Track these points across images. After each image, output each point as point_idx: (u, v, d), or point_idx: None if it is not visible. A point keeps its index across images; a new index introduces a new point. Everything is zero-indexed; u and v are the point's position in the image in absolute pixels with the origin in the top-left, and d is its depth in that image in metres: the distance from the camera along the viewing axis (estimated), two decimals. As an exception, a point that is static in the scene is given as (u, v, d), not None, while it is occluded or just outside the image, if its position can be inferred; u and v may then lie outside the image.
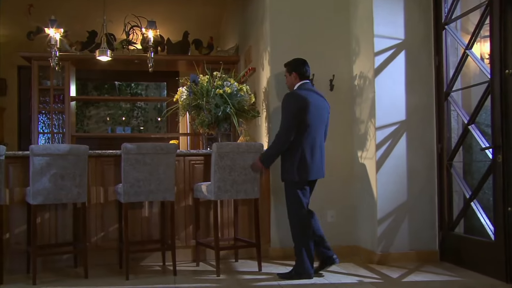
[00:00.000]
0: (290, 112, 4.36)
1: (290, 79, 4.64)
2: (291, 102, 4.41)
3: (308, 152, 4.39)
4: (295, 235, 4.44)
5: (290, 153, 4.40)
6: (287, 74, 4.67)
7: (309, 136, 4.40)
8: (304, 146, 4.38)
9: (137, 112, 12.94)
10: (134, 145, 4.53)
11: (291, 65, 4.66)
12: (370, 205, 5.11)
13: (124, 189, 4.54)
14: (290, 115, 4.35)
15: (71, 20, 7.18)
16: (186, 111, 5.63)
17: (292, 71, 4.61)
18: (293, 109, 4.36)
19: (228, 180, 4.63)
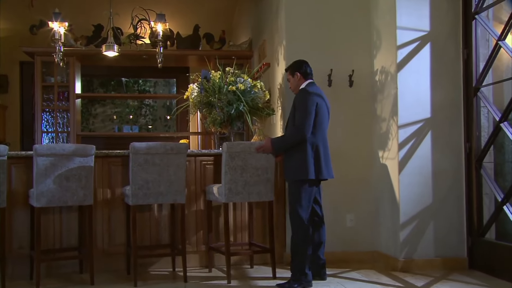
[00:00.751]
0: (309, 108, 4.37)
1: (294, 81, 4.66)
2: (308, 98, 4.40)
3: (322, 151, 4.42)
4: (297, 238, 4.40)
5: (302, 151, 4.37)
6: (290, 77, 4.68)
7: (322, 134, 4.45)
8: (318, 144, 4.40)
9: (145, 110, 12.96)
10: (143, 144, 4.53)
11: (293, 67, 4.69)
12: (392, 209, 5.07)
13: (132, 191, 4.54)
14: (309, 111, 4.36)
15: (76, 13, 7.21)
16: (197, 109, 5.63)
17: (295, 72, 4.63)
18: (311, 106, 4.37)
19: (239, 181, 4.62)
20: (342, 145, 5.40)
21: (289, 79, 4.71)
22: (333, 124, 5.34)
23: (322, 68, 5.36)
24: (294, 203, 4.41)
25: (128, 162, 4.61)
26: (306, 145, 4.36)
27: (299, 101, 4.43)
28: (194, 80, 5.70)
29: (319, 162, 4.39)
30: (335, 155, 5.31)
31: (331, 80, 5.43)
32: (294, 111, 4.46)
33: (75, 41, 7.45)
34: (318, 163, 4.39)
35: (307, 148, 4.36)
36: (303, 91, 4.48)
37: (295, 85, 4.63)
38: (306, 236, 4.38)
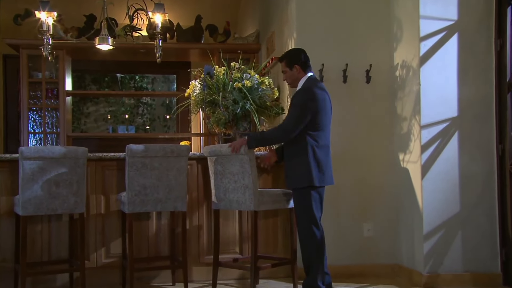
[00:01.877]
0: (306, 111, 4.29)
1: (292, 74, 4.51)
2: (310, 98, 4.32)
3: (325, 154, 4.38)
4: (309, 252, 4.38)
5: (304, 155, 4.33)
6: (287, 69, 4.52)
7: (326, 137, 4.42)
8: (321, 147, 4.36)
9: (142, 109, 12.99)
10: (140, 146, 4.51)
11: (289, 57, 4.54)
12: (415, 217, 5.04)
13: (129, 198, 4.52)
14: (304, 114, 4.30)
15: (66, 2, 7.19)
16: (199, 108, 5.61)
17: (294, 64, 4.47)
18: (309, 109, 4.29)
19: (221, 187, 4.68)
20: (359, 148, 5.40)
21: (285, 71, 4.55)
22: (348, 124, 5.37)
23: (336, 63, 5.37)
24: (302, 214, 4.36)
25: (124, 166, 4.60)
26: (308, 148, 4.31)
27: (298, 99, 4.37)
28: (196, 76, 5.67)
29: (325, 166, 4.35)
30: (351, 158, 5.37)
31: (346, 76, 5.42)
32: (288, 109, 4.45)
33: (65, 33, 7.42)
34: (323, 167, 4.34)
35: (309, 152, 4.31)
36: (307, 90, 4.39)
37: (293, 79, 4.52)
38: (319, 249, 4.35)
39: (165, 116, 12.92)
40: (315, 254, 4.33)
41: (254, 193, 4.48)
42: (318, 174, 4.29)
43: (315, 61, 4.98)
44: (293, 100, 4.42)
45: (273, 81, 5.76)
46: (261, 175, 5.15)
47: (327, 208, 4.68)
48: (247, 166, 4.47)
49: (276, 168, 5.10)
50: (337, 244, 5.24)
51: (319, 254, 4.34)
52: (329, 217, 5.08)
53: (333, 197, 5.14)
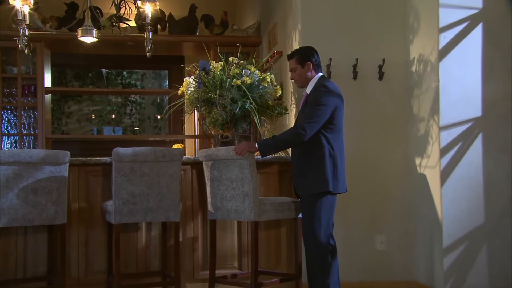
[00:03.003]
0: (323, 111, 4.33)
1: (303, 72, 4.56)
2: (327, 99, 4.36)
3: (340, 160, 4.42)
4: (316, 265, 4.39)
5: (319, 158, 4.36)
6: (298, 66, 4.56)
7: (341, 141, 4.48)
8: (337, 151, 4.41)
9: (130, 108, 12.98)
10: (128, 150, 4.50)
11: (302, 54, 4.58)
12: (433, 229, 5.03)
13: (115, 207, 4.51)
14: (322, 114, 4.34)
15: (44, -12, 7.18)
16: (194, 108, 5.63)
17: (306, 61, 4.54)
18: (327, 110, 4.34)
19: (217, 195, 4.67)
20: (371, 151, 5.42)
21: (294, 68, 4.59)
22: (358, 125, 5.40)
23: (346, 58, 5.39)
24: (310, 222, 4.36)
25: (110, 172, 4.59)
26: (324, 151, 4.34)
27: (318, 96, 4.39)
28: (190, 72, 5.68)
29: (340, 172, 4.40)
30: (362, 163, 5.39)
31: (356, 71, 5.43)
32: (305, 107, 4.44)
33: (43, 23, 7.38)
34: (339, 173, 4.39)
35: (325, 155, 4.34)
36: (324, 89, 4.41)
37: (304, 78, 4.56)
38: (326, 262, 4.36)
39: (156, 116, 12.93)
40: (323, 269, 4.35)
41: (254, 202, 4.46)
42: (333, 180, 4.33)
43: (322, 56, 4.96)
44: (311, 98, 4.42)
45: (276, 78, 5.78)
46: (262, 182, 5.15)
47: (338, 218, 4.65)
48: (247, 171, 4.46)
49: (278, 174, 5.08)
50: (347, 258, 5.23)
51: (328, 268, 4.35)
52: (337, 228, 5.05)
53: (342, 206, 5.12)
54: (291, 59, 4.62)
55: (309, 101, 4.42)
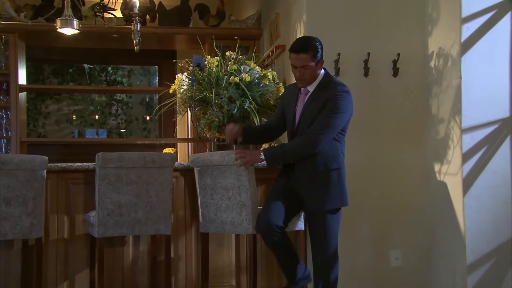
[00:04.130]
0: (342, 118, 4.37)
1: (314, 70, 4.39)
2: (350, 104, 4.40)
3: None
4: (333, 281, 4.45)
5: (339, 169, 4.42)
6: (312, 64, 4.33)
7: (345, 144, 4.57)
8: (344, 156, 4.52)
9: (116, 108, 12.99)
10: (114, 155, 4.50)
11: (316, 49, 4.35)
12: (455, 243, 5.02)
13: (99, 219, 4.50)
14: (339, 123, 4.37)
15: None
16: (187, 108, 5.64)
17: (320, 58, 4.38)
18: (346, 116, 4.40)
19: (210, 205, 4.67)
20: (384, 157, 5.42)
21: (308, 66, 4.32)
22: (371, 128, 5.44)
23: (356, 52, 5.39)
24: (331, 238, 4.41)
25: (94, 179, 4.58)
26: (341, 162, 4.42)
27: (336, 104, 4.31)
28: (182, 69, 5.71)
29: (345, 185, 4.50)
30: (374, 170, 5.41)
31: (368, 67, 5.44)
32: (320, 111, 4.33)
33: (16, 12, 7.32)
34: (345, 185, 4.50)
35: (343, 167, 4.44)
36: (346, 95, 4.36)
37: (313, 77, 4.42)
38: (337, 278, 4.47)
39: (145, 117, 12.93)
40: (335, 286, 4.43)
41: (253, 213, 4.46)
42: (346, 194, 4.44)
43: (329, 50, 4.99)
44: (330, 103, 4.31)
45: (278, 75, 5.80)
46: (261, 190, 5.15)
47: (345, 232, 4.65)
48: (244, 178, 4.46)
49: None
50: (358, 275, 5.26)
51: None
52: (347, 242, 5.07)
53: (353, 218, 5.14)
54: (303, 53, 4.30)
55: (327, 105, 4.30)
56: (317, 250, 4.45)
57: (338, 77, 5.25)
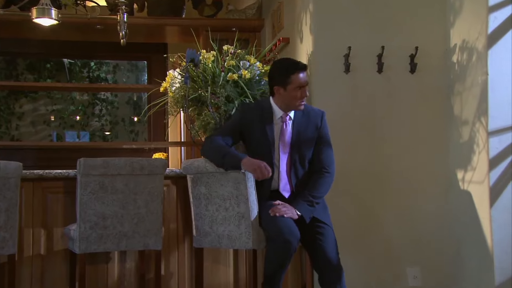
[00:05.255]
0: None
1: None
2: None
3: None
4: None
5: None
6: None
7: None
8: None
9: (100, 107, 13.00)
10: (97, 161, 4.50)
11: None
12: (481, 260, 5.01)
13: (81, 232, 4.49)
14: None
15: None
16: (179, 108, 5.62)
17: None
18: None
19: (205, 217, 4.68)
20: (400, 163, 5.45)
21: (307, 83, 4.70)
22: (385, 130, 5.44)
23: (368, 46, 5.42)
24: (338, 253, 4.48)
25: (75, 188, 4.57)
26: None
27: (328, 135, 4.77)
28: (174, 64, 5.70)
29: None
30: (389, 177, 5.45)
31: (382, 63, 5.46)
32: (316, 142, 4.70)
33: (-16, 0, 7.38)
34: None
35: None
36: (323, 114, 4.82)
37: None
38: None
39: (132, 119, 12.93)
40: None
41: (253, 225, 4.47)
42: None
43: (338, 44, 5.02)
44: (323, 130, 4.76)
45: (282, 71, 5.75)
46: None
47: (358, 247, 4.64)
48: (243, 187, 4.46)
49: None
50: (371, 296, 5.27)
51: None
52: (361, 259, 5.09)
53: (366, 232, 5.17)
54: (305, 71, 4.67)
55: (323, 134, 4.74)
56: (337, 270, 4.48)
57: (349, 74, 5.29)
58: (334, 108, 5.31)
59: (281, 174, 4.60)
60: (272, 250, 4.33)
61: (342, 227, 4.92)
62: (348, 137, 5.37)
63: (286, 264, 4.43)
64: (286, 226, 4.29)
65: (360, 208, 5.35)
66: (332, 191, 4.74)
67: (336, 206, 5.01)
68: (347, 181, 5.28)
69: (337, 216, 4.78)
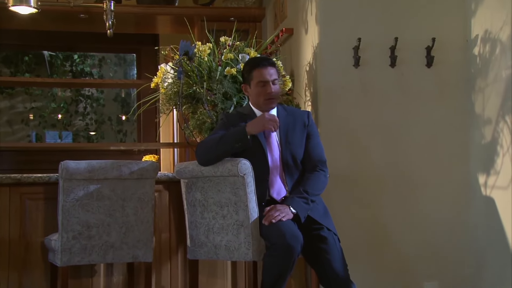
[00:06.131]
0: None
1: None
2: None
3: None
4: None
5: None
6: (278, 80, 4.82)
7: None
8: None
9: (84, 105, 12.99)
10: (81, 164, 4.49)
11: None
12: (505, 273, 5.00)
13: (63, 243, 4.48)
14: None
15: None
16: (172, 106, 5.64)
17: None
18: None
19: (200, 226, 4.66)
20: (416, 167, 5.46)
21: (277, 81, 4.75)
22: (399, 130, 5.47)
23: (380, 37, 5.44)
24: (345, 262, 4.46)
25: (56, 194, 4.56)
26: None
27: (315, 128, 4.83)
28: (167, 58, 5.75)
29: None
30: (403, 182, 5.46)
31: (395, 56, 5.47)
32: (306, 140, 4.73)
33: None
34: None
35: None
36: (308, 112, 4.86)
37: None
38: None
39: (120, 117, 12.93)
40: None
41: (253, 235, 4.43)
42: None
43: (347, 35, 5.05)
44: (312, 128, 4.80)
45: (284, 65, 5.84)
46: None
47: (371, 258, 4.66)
48: (243, 193, 4.44)
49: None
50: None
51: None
52: (373, 271, 5.10)
53: (379, 243, 5.16)
54: (271, 66, 4.71)
55: (313, 131, 4.79)
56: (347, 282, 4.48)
57: (358, 68, 5.31)
58: (342, 106, 5.35)
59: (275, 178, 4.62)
60: (272, 257, 4.26)
61: (352, 238, 4.96)
62: (357, 138, 5.39)
63: (288, 273, 4.34)
64: (287, 229, 4.25)
65: (371, 216, 5.34)
66: (340, 197, 4.77)
67: (344, 214, 5.04)
68: (356, 187, 5.32)
69: (345, 225, 4.82)
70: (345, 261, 4.43)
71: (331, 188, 4.89)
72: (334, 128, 5.34)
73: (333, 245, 4.43)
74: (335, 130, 5.38)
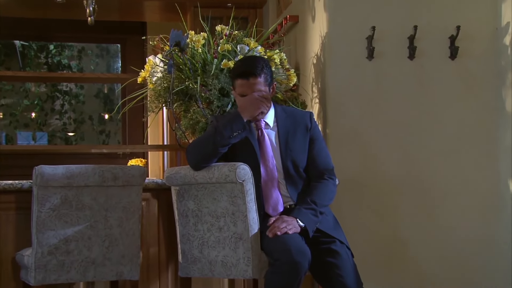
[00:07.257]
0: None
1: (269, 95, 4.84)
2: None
3: None
4: None
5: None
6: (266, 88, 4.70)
7: None
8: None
9: (61, 102, 12.99)
10: (59, 169, 4.48)
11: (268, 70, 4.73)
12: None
13: (37, 259, 4.48)
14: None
15: None
16: (162, 103, 5.66)
17: (273, 82, 4.82)
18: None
19: (193, 239, 4.66)
20: (439, 172, 5.49)
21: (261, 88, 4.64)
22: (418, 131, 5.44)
23: (397, 26, 5.47)
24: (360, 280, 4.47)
25: (30, 204, 4.55)
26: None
27: (319, 133, 4.84)
28: (155, 49, 5.75)
29: None
30: (424, 190, 5.42)
31: (414, 47, 5.50)
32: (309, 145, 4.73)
33: None
34: None
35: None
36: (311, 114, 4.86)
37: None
38: None
39: (102, 116, 12.93)
40: None
41: (253, 249, 4.43)
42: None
43: (360, 23, 5.07)
44: (315, 131, 4.79)
45: (289, 58, 5.84)
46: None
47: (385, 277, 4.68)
48: (241, 201, 4.43)
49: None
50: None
51: None
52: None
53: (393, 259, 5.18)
54: (255, 77, 4.59)
55: (316, 134, 4.78)
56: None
57: (372, 61, 5.31)
58: (354, 103, 5.37)
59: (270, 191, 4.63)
60: (275, 274, 4.22)
61: (364, 252, 4.95)
62: (371, 139, 5.41)
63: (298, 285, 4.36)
64: (293, 243, 4.23)
65: (386, 230, 5.35)
66: (351, 208, 4.79)
67: (357, 225, 5.07)
68: (370, 196, 5.34)
69: (357, 239, 4.80)
70: (359, 278, 4.42)
71: (341, 197, 4.89)
72: (344, 129, 5.34)
73: (346, 260, 4.41)
74: (346, 131, 5.39)
